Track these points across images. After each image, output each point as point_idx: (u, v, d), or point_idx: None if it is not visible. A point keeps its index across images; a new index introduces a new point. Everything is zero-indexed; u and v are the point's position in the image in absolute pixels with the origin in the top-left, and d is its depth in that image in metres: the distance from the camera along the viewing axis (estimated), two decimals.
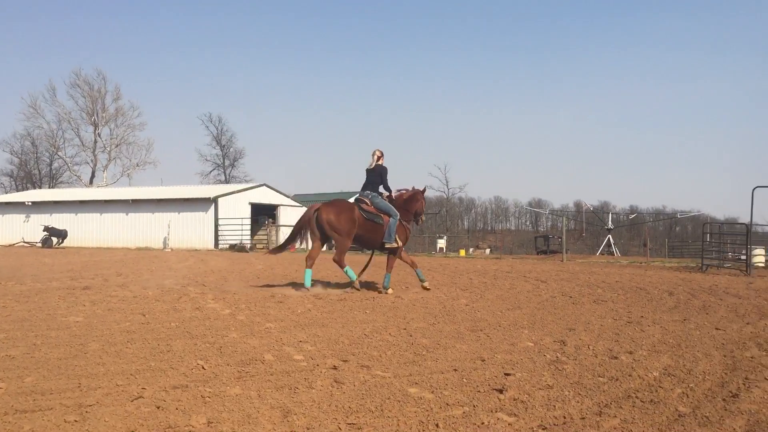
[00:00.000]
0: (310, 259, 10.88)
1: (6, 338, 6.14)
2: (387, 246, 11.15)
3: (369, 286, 11.50)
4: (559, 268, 18.21)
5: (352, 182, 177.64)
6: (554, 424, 3.75)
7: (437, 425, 3.69)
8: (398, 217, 11.24)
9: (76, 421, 3.69)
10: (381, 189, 11.50)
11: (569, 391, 4.45)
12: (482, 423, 3.74)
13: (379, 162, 11.56)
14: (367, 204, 11.16)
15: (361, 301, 9.39)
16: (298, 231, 11.35)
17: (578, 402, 4.20)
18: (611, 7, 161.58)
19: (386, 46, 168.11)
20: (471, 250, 57.35)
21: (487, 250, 57.30)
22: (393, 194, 11.64)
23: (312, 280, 10.87)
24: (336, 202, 11.36)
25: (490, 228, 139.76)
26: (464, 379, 4.76)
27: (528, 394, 4.35)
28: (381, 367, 5.17)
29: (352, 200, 11.47)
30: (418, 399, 4.22)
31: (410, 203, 11.69)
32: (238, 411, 3.92)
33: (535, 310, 8.69)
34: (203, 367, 5.06)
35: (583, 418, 3.86)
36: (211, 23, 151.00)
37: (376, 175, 11.47)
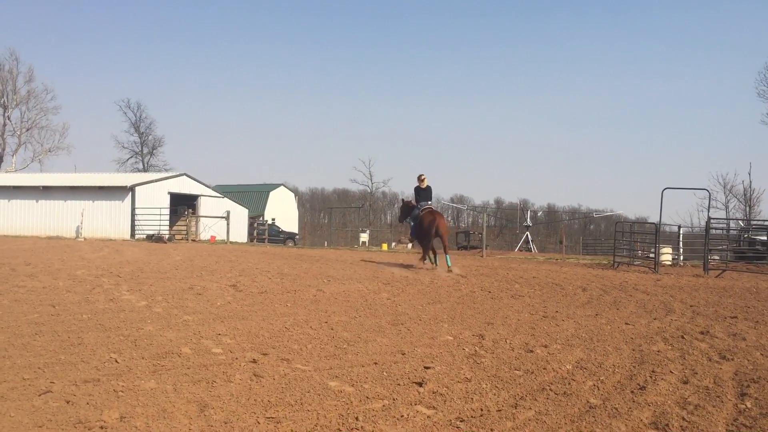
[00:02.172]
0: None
1: None
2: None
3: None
4: (479, 263, 18.58)
5: (272, 174, 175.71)
6: (472, 417, 3.82)
7: (357, 418, 3.69)
8: None
9: None
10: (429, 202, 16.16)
11: (487, 384, 4.54)
12: (402, 416, 3.77)
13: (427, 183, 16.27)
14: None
15: (282, 294, 9.31)
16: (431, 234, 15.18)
17: (495, 395, 4.30)
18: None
19: (310, 36, 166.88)
20: (393, 244, 57.77)
21: (409, 245, 57.87)
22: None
23: None
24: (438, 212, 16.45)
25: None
26: (384, 373, 4.79)
27: (447, 387, 4.41)
28: (301, 360, 5.14)
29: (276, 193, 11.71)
30: (339, 392, 4.21)
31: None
32: (152, 405, 3.81)
33: (455, 304, 8.83)
34: (116, 361, 4.90)
35: (500, 410, 3.94)
36: (132, 7, 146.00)
37: (430, 192, 16.30)
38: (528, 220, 58.10)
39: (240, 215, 43.84)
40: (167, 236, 31.98)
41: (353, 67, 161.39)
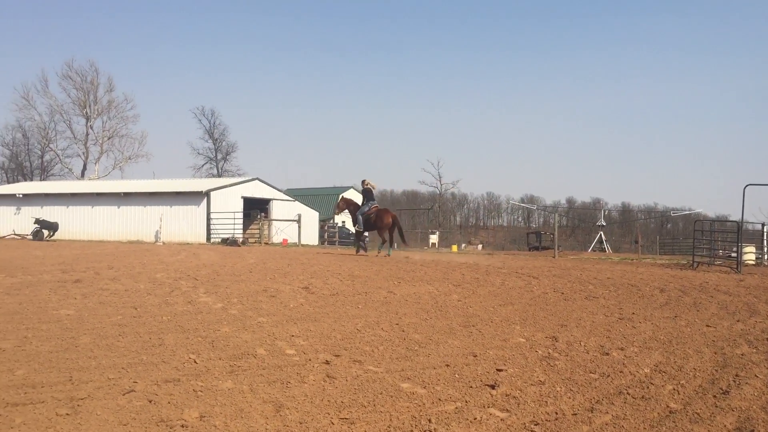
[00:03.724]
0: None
1: None
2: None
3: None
4: (551, 264, 18.27)
5: (344, 177, 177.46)
6: (546, 420, 3.76)
7: (430, 420, 3.69)
8: None
9: (67, 414, 3.68)
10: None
11: (561, 387, 4.47)
12: (474, 418, 3.75)
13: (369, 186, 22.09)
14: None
15: (353, 296, 9.39)
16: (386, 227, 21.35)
17: (570, 398, 4.22)
18: (608, 5, 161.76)
19: (381, 42, 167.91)
20: (463, 245, 57.43)
21: (479, 246, 57.34)
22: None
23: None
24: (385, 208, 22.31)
25: (482, 224, 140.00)
26: (456, 375, 4.77)
27: (520, 390, 4.36)
28: (373, 362, 5.17)
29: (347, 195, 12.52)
30: (411, 394, 4.22)
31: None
32: (230, 405, 3.91)
33: (527, 306, 8.72)
34: (195, 361, 5.05)
35: (575, 414, 3.87)
36: (206, 17, 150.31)
37: (372, 193, 21.90)
38: (602, 219, 56.72)
39: (311, 218, 44.47)
40: (241, 239, 32.71)
41: (421, 69, 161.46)
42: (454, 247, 45.80)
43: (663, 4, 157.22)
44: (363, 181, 22.71)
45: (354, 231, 22.61)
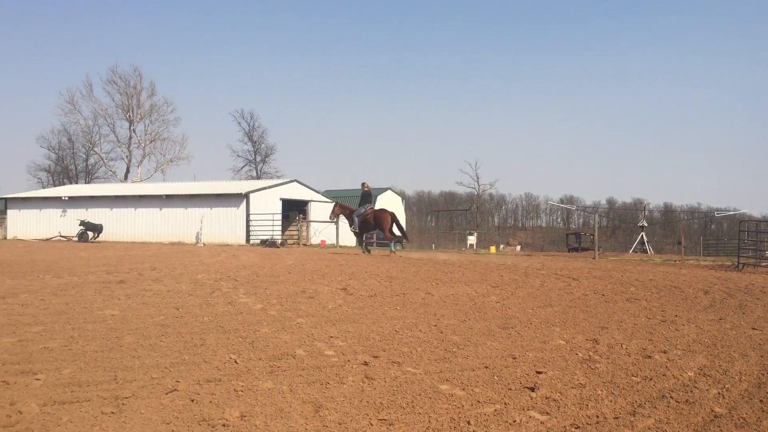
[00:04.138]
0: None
1: (44, 331, 6.27)
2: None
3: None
4: (591, 265, 18.02)
5: (380, 178, 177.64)
6: (587, 424, 3.72)
7: (469, 423, 3.68)
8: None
9: (112, 412, 3.76)
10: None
11: (602, 390, 4.41)
12: (514, 421, 3.73)
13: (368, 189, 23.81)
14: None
15: (391, 297, 9.40)
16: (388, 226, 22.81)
17: (611, 401, 4.16)
18: (632, 6, 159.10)
19: (418, 43, 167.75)
20: (501, 246, 57.07)
21: (518, 247, 56.94)
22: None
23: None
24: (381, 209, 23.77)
25: (520, 225, 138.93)
26: (495, 377, 4.75)
27: (560, 393, 4.32)
28: (412, 363, 5.17)
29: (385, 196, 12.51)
30: (450, 396, 4.22)
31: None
32: (270, 405, 3.96)
33: (567, 307, 8.62)
34: (236, 362, 5.11)
35: (617, 418, 3.82)
36: (244, 20, 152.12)
37: (370, 196, 23.78)
38: (643, 220, 55.73)
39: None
40: (280, 241, 32.99)
41: (458, 69, 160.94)
42: (493, 249, 45.55)
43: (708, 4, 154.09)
44: (363, 184, 24.28)
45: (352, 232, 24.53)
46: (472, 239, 55.02)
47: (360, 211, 23.29)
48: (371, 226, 23.33)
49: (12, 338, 5.85)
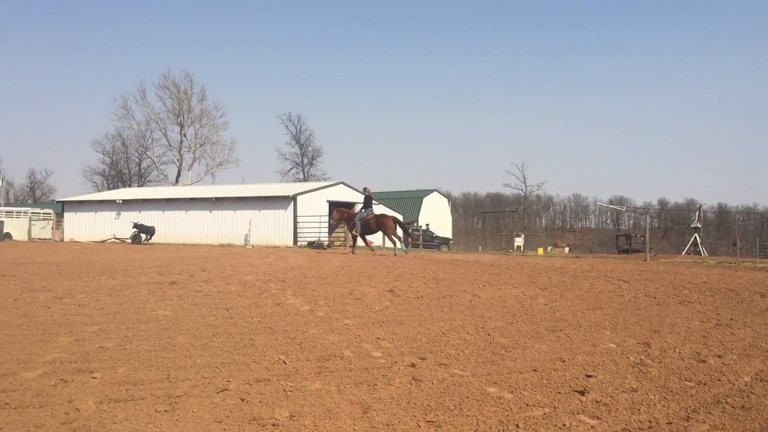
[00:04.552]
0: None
1: (100, 330, 6.45)
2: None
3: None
4: (642, 267, 17.67)
5: (426, 180, 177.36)
6: (639, 429, 3.65)
7: (517, 426, 3.66)
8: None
9: (166, 411, 3.85)
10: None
11: (654, 395, 4.32)
12: (564, 425, 3.68)
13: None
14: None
15: (437, 299, 9.39)
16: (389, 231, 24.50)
17: (664, 406, 4.08)
18: (686, 4, 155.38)
19: (462, 45, 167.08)
20: (549, 248, 56.36)
21: (566, 249, 56.18)
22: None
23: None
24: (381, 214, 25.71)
25: (569, 226, 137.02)
26: (544, 380, 4.70)
27: (611, 397, 4.25)
28: (459, 365, 5.16)
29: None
30: (497, 399, 4.19)
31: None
32: (319, 405, 4.00)
33: (617, 310, 8.47)
34: (284, 362, 5.17)
35: (670, 423, 3.74)
36: (292, 24, 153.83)
37: (371, 200, 25.13)
38: (696, 221, 54.33)
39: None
40: (327, 243, 33.22)
41: (504, 71, 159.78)
42: (540, 250, 45.04)
43: None
44: (365, 189, 26.50)
45: (351, 234, 26.28)
46: (519, 241, 54.49)
47: (362, 214, 25.05)
48: (373, 229, 25.03)
49: (69, 337, 6.03)
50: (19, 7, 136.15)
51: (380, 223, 24.88)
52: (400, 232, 25.49)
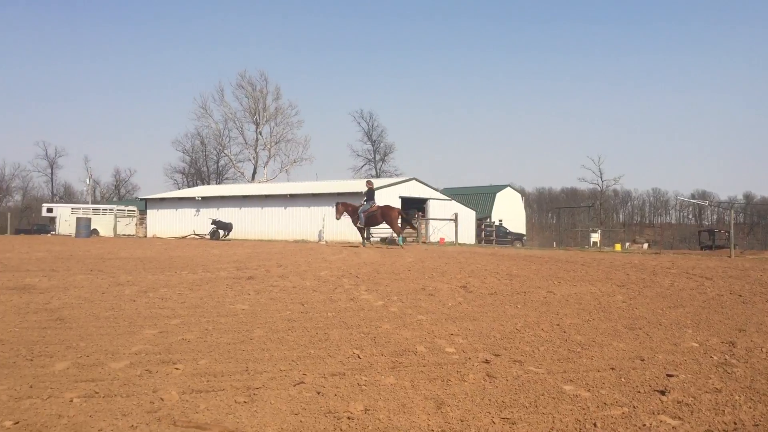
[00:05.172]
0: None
1: (182, 323, 6.68)
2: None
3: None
4: (727, 264, 16.98)
5: (499, 175, 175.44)
6: (723, 430, 3.53)
7: (595, 425, 3.59)
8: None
9: (245, 402, 3.96)
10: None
11: (740, 396, 4.16)
12: (644, 425, 3.59)
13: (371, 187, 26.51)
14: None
15: (511, 295, 9.29)
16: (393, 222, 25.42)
17: (750, 407, 3.92)
18: None
19: (535, 39, 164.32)
20: (627, 244, 54.84)
21: (645, 245, 54.45)
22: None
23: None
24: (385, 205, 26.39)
25: (648, 221, 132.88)
26: (622, 379, 4.59)
27: (693, 397, 4.12)
28: (534, 362, 5.10)
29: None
30: (574, 397, 4.12)
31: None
32: (393, 400, 4.03)
33: (700, 308, 8.18)
34: (359, 356, 5.23)
35: (757, 426, 3.60)
36: (362, 22, 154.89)
37: (373, 193, 26.11)
38: None
39: (467, 217, 44.42)
40: (399, 239, 33.29)
41: (579, 63, 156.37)
42: (618, 246, 43.87)
43: None
44: (368, 182, 28.25)
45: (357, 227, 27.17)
46: (595, 237, 53.18)
47: (365, 207, 25.79)
48: (378, 221, 25.96)
49: (154, 330, 6.28)
50: (104, 10, 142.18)
51: (385, 215, 25.72)
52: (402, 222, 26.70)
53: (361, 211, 25.79)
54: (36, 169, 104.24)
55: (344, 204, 27.47)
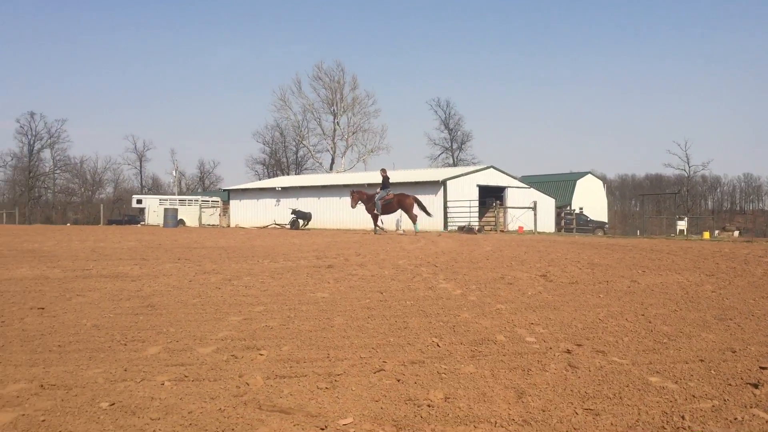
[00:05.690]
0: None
1: (265, 311, 6.85)
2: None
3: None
4: None
5: (579, 162, 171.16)
6: None
7: (683, 417, 3.48)
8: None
9: (327, 388, 4.04)
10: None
11: None
12: (735, 418, 3.46)
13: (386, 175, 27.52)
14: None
15: (593, 285, 9.09)
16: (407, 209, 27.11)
17: None
18: None
19: (613, 19, 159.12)
20: (716, 232, 52.67)
21: (736, 233, 52.19)
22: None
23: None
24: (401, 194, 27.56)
25: (738, 208, 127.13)
26: (712, 371, 4.43)
27: None
28: (618, 353, 4.98)
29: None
30: (660, 389, 4.01)
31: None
32: (473, 389, 4.02)
33: None
34: (438, 345, 5.24)
35: None
36: (437, 11, 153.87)
37: (388, 181, 27.26)
38: None
39: (547, 205, 43.68)
40: (477, 227, 33.10)
41: (662, 46, 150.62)
42: (706, 234, 42.19)
43: None
44: (382, 170, 28.88)
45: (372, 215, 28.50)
46: (682, 224, 51.31)
47: (382, 194, 27.33)
48: (394, 208, 27.56)
49: (238, 317, 6.47)
50: (187, 7, 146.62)
51: (401, 203, 27.25)
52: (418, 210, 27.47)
53: (378, 198, 27.17)
54: (126, 162, 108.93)
55: (359, 192, 29.02)
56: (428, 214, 28.68)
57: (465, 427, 3.40)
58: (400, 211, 37.35)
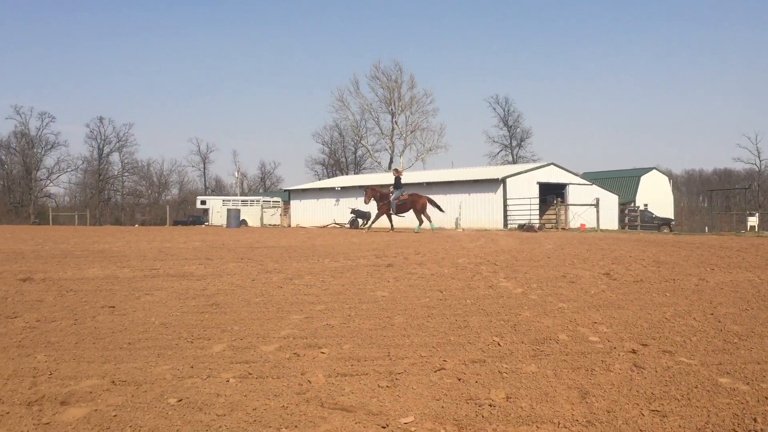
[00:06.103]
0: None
1: (325, 309, 6.93)
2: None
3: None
4: None
5: (643, 158, 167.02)
6: None
7: (755, 420, 3.36)
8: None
9: (387, 386, 4.05)
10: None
11: None
12: None
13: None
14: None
15: (659, 283, 8.86)
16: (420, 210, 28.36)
17: None
18: None
19: (679, 9, 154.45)
20: None
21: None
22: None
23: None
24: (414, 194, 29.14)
25: None
26: None
27: None
28: (685, 353, 4.85)
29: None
30: (731, 390, 3.88)
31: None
32: (535, 388, 3.98)
33: None
34: (499, 344, 5.20)
35: None
36: (494, 8, 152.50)
37: (399, 181, 28.45)
38: None
39: (609, 202, 42.78)
40: (537, 225, 32.67)
41: (728, 35, 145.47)
42: None
43: None
44: (395, 170, 31.03)
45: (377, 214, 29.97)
46: (753, 221, 49.47)
47: (397, 194, 28.69)
48: (407, 208, 28.75)
49: (300, 315, 6.56)
50: (243, 12, 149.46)
51: (415, 203, 28.41)
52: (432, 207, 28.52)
53: (393, 198, 28.48)
54: (190, 164, 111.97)
55: (372, 189, 30.20)
56: (441, 210, 29.47)
57: (527, 428, 3.37)
58: (459, 208, 37.25)
